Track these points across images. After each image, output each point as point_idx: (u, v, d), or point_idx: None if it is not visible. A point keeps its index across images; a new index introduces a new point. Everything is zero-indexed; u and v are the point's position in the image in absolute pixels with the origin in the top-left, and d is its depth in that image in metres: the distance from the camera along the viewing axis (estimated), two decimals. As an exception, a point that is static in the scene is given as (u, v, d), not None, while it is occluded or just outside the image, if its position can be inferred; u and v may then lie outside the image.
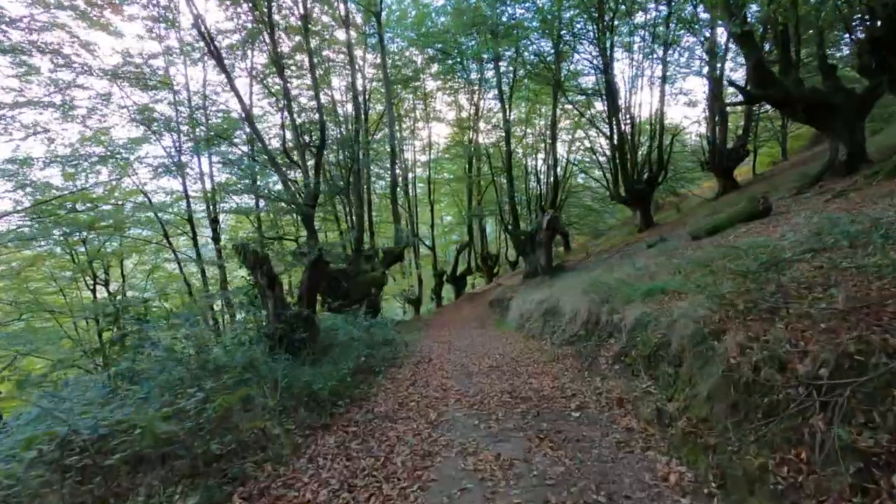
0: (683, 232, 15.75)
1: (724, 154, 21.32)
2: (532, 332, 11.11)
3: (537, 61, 21.80)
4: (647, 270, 9.46)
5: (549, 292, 12.39)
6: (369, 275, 13.51)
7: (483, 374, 7.83)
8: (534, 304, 12.33)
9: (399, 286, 26.81)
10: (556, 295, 11.04)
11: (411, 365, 8.92)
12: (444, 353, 10.43)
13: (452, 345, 11.75)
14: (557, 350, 8.55)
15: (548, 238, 16.69)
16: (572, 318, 8.89)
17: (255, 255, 6.91)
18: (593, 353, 7.20)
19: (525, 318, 12.46)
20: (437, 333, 14.66)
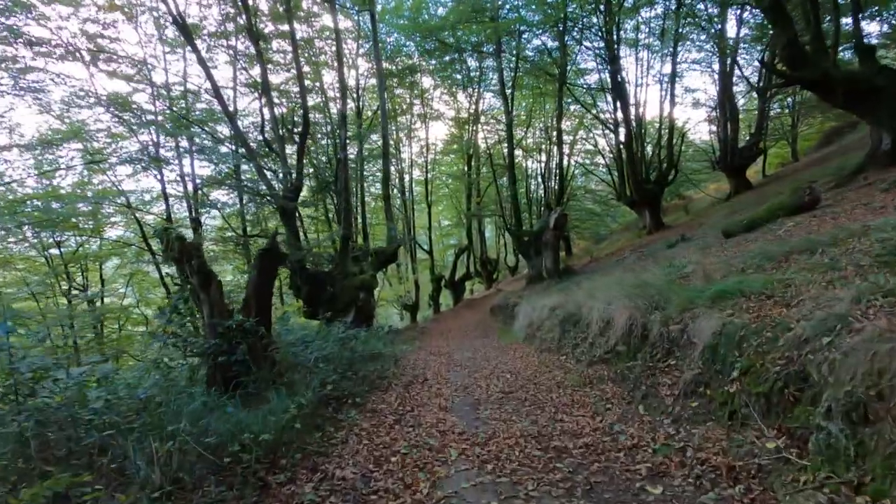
0: (703, 231, 13.69)
1: (736, 153, 19.40)
2: (546, 344, 8.95)
3: (539, 58, 19.89)
4: (692, 269, 7.36)
5: (563, 297, 10.25)
6: (358, 278, 11.38)
7: (494, 403, 5.66)
8: (545, 312, 10.18)
9: (395, 291, 24.64)
10: (574, 300, 8.90)
11: (401, 388, 6.74)
12: (441, 370, 8.25)
13: (452, 358, 9.58)
14: (586, 370, 6.38)
15: (555, 238, 14.61)
16: (603, 328, 6.74)
17: (180, 244, 4.78)
18: (645, 378, 5.05)
19: (535, 327, 10.30)
20: (435, 343, 12.48)
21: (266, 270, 4.96)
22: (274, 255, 4.92)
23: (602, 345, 6.50)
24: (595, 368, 6.25)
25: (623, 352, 5.85)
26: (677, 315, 5.22)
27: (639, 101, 19.85)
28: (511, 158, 17.37)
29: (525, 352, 9.34)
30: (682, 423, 3.95)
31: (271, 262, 4.96)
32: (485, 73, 20.88)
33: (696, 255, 9.64)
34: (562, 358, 7.65)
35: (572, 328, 8.10)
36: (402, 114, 23.09)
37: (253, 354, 4.64)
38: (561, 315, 8.79)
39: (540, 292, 14.04)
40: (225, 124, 13.72)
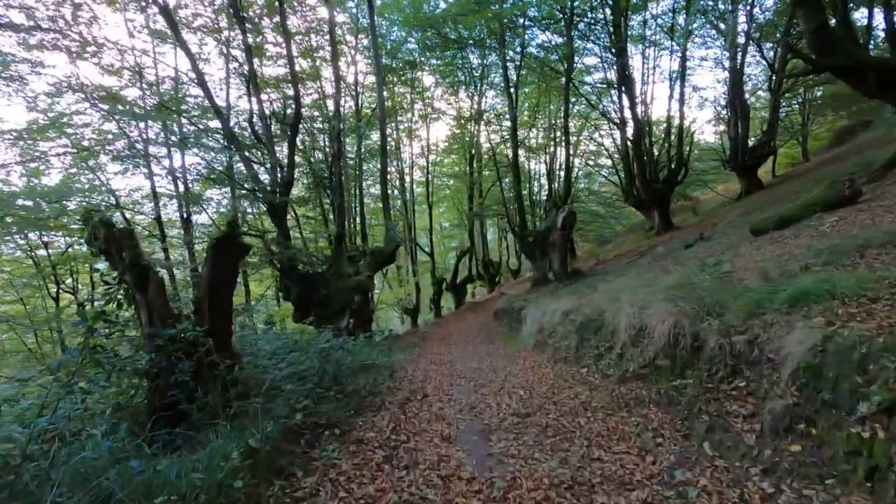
0: (722, 231, 12.51)
1: (748, 151, 18.24)
2: (561, 353, 7.74)
3: (544, 55, 18.81)
4: (729, 268, 6.21)
5: (576, 301, 9.06)
6: (353, 279, 10.21)
7: (508, 430, 4.46)
8: (558, 316, 8.98)
9: (395, 294, 23.42)
10: (592, 304, 7.70)
11: (396, 407, 5.54)
12: (443, 383, 7.05)
13: (455, 368, 8.37)
14: (618, 387, 5.19)
15: (563, 239, 13.41)
16: (634, 336, 5.54)
17: (107, 231, 3.62)
18: (705, 404, 3.86)
19: (547, 333, 9.09)
20: (436, 350, 11.27)
21: (222, 265, 3.78)
22: (232, 245, 3.75)
23: (635, 357, 5.29)
24: (629, 386, 5.04)
25: (666, 367, 4.65)
26: (741, 323, 4.04)
27: (646, 98, 18.74)
28: (515, 156, 16.23)
29: (536, 361, 8.13)
30: (783, 478, 2.75)
31: (230, 254, 3.79)
32: (487, 70, 19.83)
33: (726, 254, 8.47)
34: (582, 371, 6.45)
35: (592, 336, 6.90)
36: (403, 112, 22.00)
37: (198, 374, 3.46)
38: (578, 320, 7.58)
39: (547, 295, 12.84)
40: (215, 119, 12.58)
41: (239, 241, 3.85)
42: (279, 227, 9.87)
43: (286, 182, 10.32)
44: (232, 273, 3.91)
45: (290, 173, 10.36)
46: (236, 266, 3.95)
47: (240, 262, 4.12)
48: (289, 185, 10.36)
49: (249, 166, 9.45)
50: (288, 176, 10.38)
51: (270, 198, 9.52)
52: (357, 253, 11.55)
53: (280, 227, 9.98)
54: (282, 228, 9.95)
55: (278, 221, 9.93)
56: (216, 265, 3.81)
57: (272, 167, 9.63)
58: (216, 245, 3.76)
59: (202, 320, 3.82)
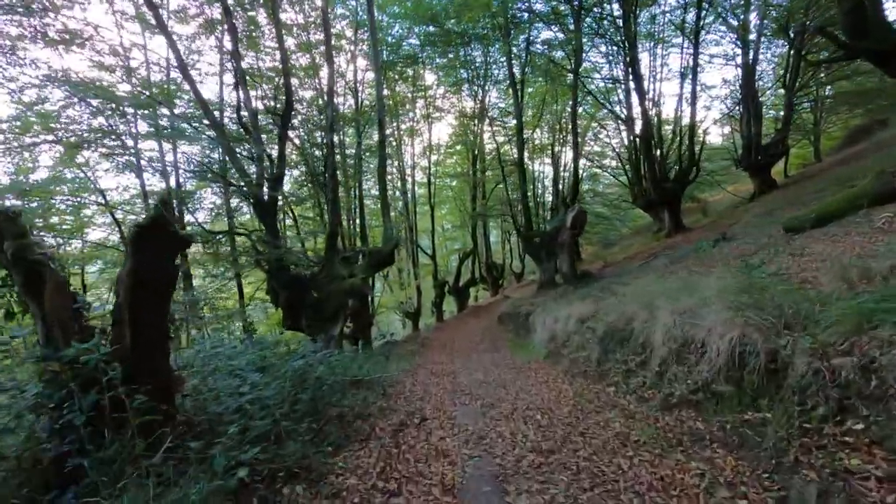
0: (744, 230, 11.40)
1: (761, 150, 17.16)
2: (580, 366, 6.64)
3: (549, 52, 17.80)
4: (774, 269, 5.16)
5: (592, 306, 7.98)
6: (347, 281, 9.14)
7: (531, 479, 3.37)
8: (572, 323, 7.89)
9: (396, 297, 22.34)
10: (615, 309, 6.62)
11: (387, 436, 4.46)
12: (445, 402, 5.96)
13: (458, 382, 7.28)
14: (662, 416, 4.08)
15: (572, 239, 12.34)
16: (677, 352, 4.45)
17: (-21, 213, 2.55)
18: (800, 452, 2.76)
19: (560, 342, 8.00)
20: (437, 359, 10.18)
21: (149, 260, 2.73)
22: (161, 232, 2.70)
23: (681, 378, 4.20)
24: (677, 416, 3.95)
25: (728, 394, 3.56)
26: (840, 340, 2.95)
27: (655, 96, 17.72)
28: (521, 154, 15.18)
29: (550, 375, 7.03)
30: None
31: (158, 245, 2.74)
32: (490, 67, 18.79)
33: (760, 254, 7.40)
34: (609, 390, 5.34)
35: (618, 348, 5.81)
36: (405, 111, 21.01)
37: (100, 413, 2.41)
38: (599, 329, 6.48)
39: (556, 299, 11.75)
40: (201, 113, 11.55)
41: (171, 229, 2.77)
42: (267, 224, 8.83)
43: (276, 177, 9.29)
44: (162, 271, 2.84)
45: (281, 167, 9.33)
46: (168, 262, 2.88)
47: (176, 258, 3.04)
48: (278, 179, 9.32)
49: (234, 158, 8.42)
50: (278, 170, 9.34)
51: (256, 192, 8.48)
52: (353, 253, 10.50)
53: (268, 224, 8.93)
54: (270, 226, 8.90)
55: (266, 218, 8.88)
56: (140, 260, 2.74)
57: (258, 158, 8.60)
58: (139, 232, 2.69)
59: (120, 335, 2.76)
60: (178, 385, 3.11)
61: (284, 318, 9.44)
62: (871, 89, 17.05)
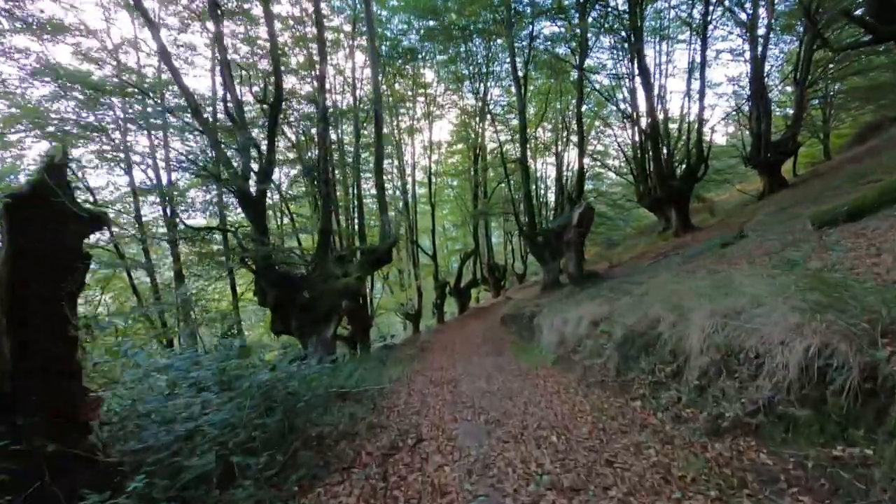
0: (763, 227, 10.58)
1: (770, 147, 16.34)
2: (595, 374, 5.81)
3: (552, 46, 17.05)
4: (818, 265, 4.35)
5: (606, 307, 7.16)
6: (341, 281, 8.34)
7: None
8: (584, 326, 7.07)
9: (396, 299, 21.53)
10: (634, 310, 5.81)
11: (374, 464, 3.65)
12: (444, 417, 5.14)
13: (459, 391, 6.46)
14: (711, 444, 3.25)
15: (579, 237, 11.52)
16: (722, 362, 3.63)
17: None
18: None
19: (571, 346, 7.17)
20: (437, 363, 9.34)
21: (34, 247, 1.94)
22: (47, 208, 1.91)
23: (732, 395, 3.37)
24: (732, 444, 3.11)
25: (805, 419, 2.74)
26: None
27: (662, 92, 16.92)
28: (524, 150, 14.39)
29: (561, 383, 6.20)
30: None
31: (46, 226, 1.96)
32: (493, 63, 18.01)
33: (789, 250, 6.61)
34: (634, 405, 4.52)
35: (642, 355, 4.98)
36: (404, 109, 20.24)
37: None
38: (618, 333, 5.66)
39: (562, 300, 10.94)
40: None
41: (51, 201, 1.97)
42: (254, 220, 8.04)
43: (264, 170, 8.51)
44: (53, 257, 2.04)
45: (270, 159, 8.55)
46: (62, 245, 2.07)
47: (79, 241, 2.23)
48: (267, 173, 8.54)
49: (218, 148, 7.65)
50: (267, 163, 8.56)
51: (241, 185, 7.69)
52: (348, 252, 9.71)
53: (255, 220, 8.13)
54: (257, 222, 8.10)
55: (253, 213, 8.09)
56: (22, 243, 1.94)
57: (243, 148, 7.81)
58: (14, 205, 1.89)
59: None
60: (89, 411, 2.30)
61: (273, 321, 8.63)
62: (885, 83, 16.23)
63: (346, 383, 5.48)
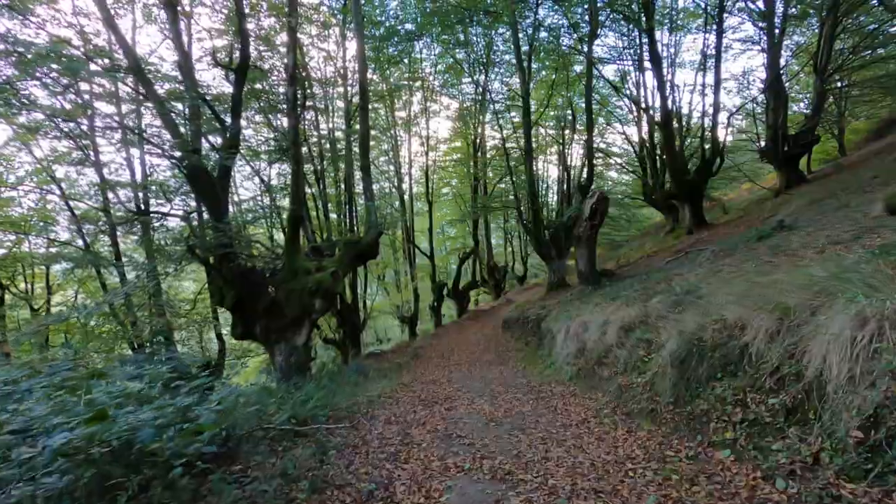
0: (803, 218, 8.96)
1: (788, 140, 14.77)
2: (638, 398, 4.13)
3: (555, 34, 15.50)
4: None
5: (639, 310, 5.52)
6: (314, 278, 6.68)
7: None
8: (612, 332, 5.39)
9: (392, 301, 19.84)
10: (688, 314, 4.14)
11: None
12: (431, 463, 3.46)
13: (453, 418, 4.76)
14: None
15: (592, 231, 9.86)
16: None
17: None
18: None
19: (596, 357, 5.48)
20: (430, 375, 7.64)
21: None
22: None
23: None
24: None
25: None
26: None
27: (673, 82, 15.37)
28: (528, 139, 12.80)
29: (589, 408, 4.53)
30: None
31: None
32: (493, 47, 16.42)
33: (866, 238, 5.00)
34: (720, 456, 2.83)
35: (721, 375, 3.30)
36: (400, 101, 18.67)
37: None
38: (670, 343, 3.98)
39: (573, 301, 9.27)
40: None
41: None
42: (207, 202, 6.40)
43: (229, 144, 6.88)
44: None
45: (234, 132, 6.92)
46: None
47: None
48: (231, 147, 6.90)
49: (164, 112, 5.98)
50: (231, 137, 6.93)
51: (193, 159, 6.06)
52: (325, 245, 8.05)
53: (209, 202, 6.48)
54: (213, 205, 6.46)
55: (208, 195, 6.44)
56: None
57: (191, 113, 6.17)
58: None
59: None
60: None
61: (234, 325, 6.96)
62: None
63: (298, 411, 3.80)
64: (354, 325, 14.54)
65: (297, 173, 6.86)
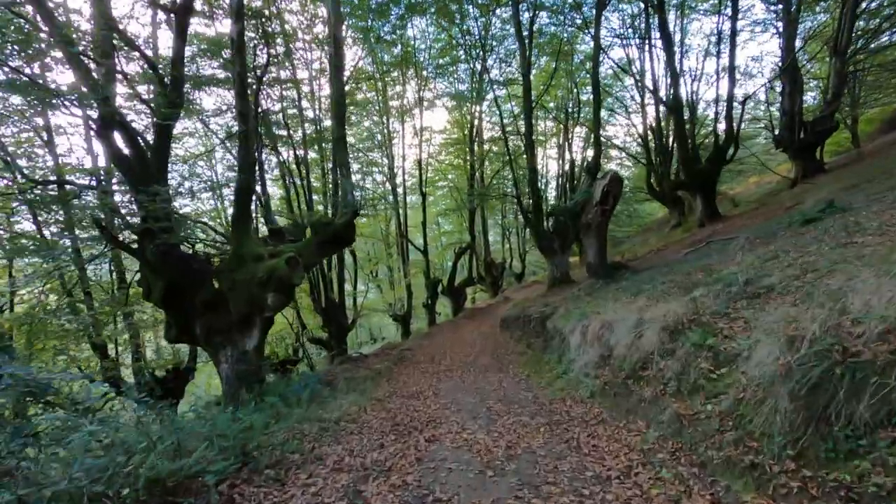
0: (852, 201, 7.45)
1: (806, 127, 13.28)
2: (711, 440, 2.55)
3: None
4: None
5: (684, 305, 3.94)
6: (265, 265, 5.10)
7: None
8: (653, 335, 3.82)
9: (385, 299, 18.26)
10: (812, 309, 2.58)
11: None
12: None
13: (434, 458, 3.19)
14: None
15: (603, 217, 8.31)
16: None
17: None
18: None
19: (628, 369, 3.91)
20: (413, 385, 6.06)
21: None
22: None
23: None
24: None
25: None
26: None
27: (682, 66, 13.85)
28: (529, 121, 11.26)
29: (633, 448, 2.97)
30: None
31: None
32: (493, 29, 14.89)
33: None
34: None
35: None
36: (392, 88, 17.11)
37: None
38: (763, 355, 2.42)
39: (583, 298, 7.71)
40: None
41: None
42: (126, 167, 4.83)
43: (171, 100, 5.31)
44: None
45: (176, 81, 5.35)
46: None
47: None
48: (175, 104, 5.33)
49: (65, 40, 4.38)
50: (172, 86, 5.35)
51: (105, 111, 4.50)
52: (291, 228, 6.44)
53: (131, 167, 4.90)
54: (140, 172, 4.88)
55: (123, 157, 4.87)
56: None
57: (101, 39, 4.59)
58: None
59: None
60: None
61: (167, 325, 5.37)
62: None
63: (176, 467, 2.23)
64: (341, 325, 12.93)
65: (247, 137, 5.27)
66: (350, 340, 21.77)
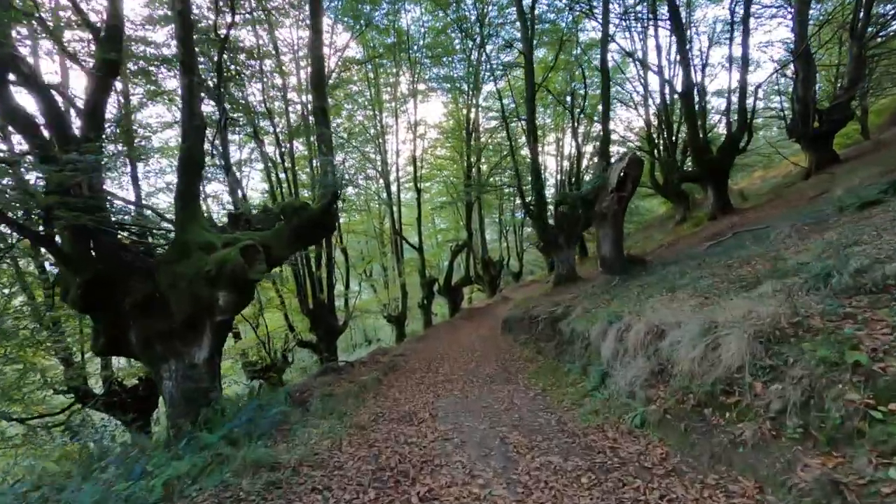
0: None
1: (821, 115, 12.26)
2: None
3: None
4: None
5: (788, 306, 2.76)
6: (214, 256, 3.91)
7: None
8: (741, 348, 2.64)
9: (379, 299, 16.99)
10: None
11: None
12: None
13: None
14: None
15: (620, 206, 7.16)
16: None
17: None
18: None
19: (706, 396, 2.72)
20: (404, 405, 4.85)
21: None
22: None
23: None
24: None
25: None
26: None
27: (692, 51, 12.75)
28: (530, 107, 10.11)
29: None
30: None
31: None
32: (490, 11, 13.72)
33: None
34: None
35: None
36: (387, 81, 15.91)
37: None
38: None
39: (600, 296, 6.54)
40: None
41: None
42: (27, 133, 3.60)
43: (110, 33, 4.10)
44: None
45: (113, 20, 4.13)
46: None
47: None
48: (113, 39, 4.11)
49: None
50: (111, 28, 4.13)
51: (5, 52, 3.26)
52: (259, 215, 5.19)
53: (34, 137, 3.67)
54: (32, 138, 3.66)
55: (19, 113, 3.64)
56: None
57: None
58: None
59: None
60: None
61: (94, 334, 4.12)
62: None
63: None
64: (331, 328, 11.66)
65: (190, 88, 4.03)
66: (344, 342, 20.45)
